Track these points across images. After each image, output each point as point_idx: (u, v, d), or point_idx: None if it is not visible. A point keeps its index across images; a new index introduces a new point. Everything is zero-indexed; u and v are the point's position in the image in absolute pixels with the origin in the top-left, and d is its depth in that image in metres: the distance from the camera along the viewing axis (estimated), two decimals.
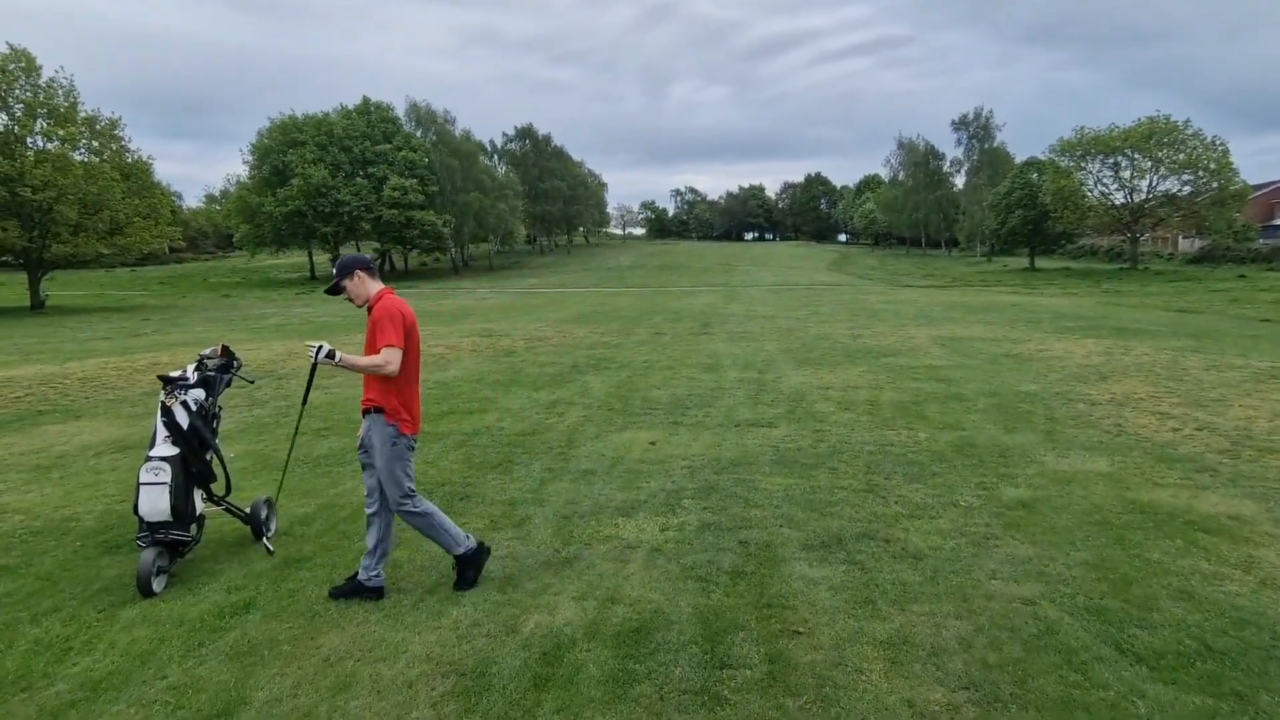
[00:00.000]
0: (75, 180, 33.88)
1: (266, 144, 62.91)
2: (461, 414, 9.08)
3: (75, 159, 35.30)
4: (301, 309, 34.79)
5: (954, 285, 47.16)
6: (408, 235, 64.36)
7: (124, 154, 38.51)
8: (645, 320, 22.61)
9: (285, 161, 60.83)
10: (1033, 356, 13.23)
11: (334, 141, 62.57)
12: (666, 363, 13.45)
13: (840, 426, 7.91)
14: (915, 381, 10.74)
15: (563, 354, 15.01)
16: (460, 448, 7.33)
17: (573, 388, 10.91)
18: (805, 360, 13.35)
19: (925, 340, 16.03)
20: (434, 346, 16.29)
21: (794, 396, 9.75)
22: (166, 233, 41.74)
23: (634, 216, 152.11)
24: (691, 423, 8.28)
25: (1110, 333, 17.07)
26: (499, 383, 11.53)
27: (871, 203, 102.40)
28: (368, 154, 63.51)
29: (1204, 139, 48.56)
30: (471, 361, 14.17)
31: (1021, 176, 59.94)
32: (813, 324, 20.45)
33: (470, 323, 23.05)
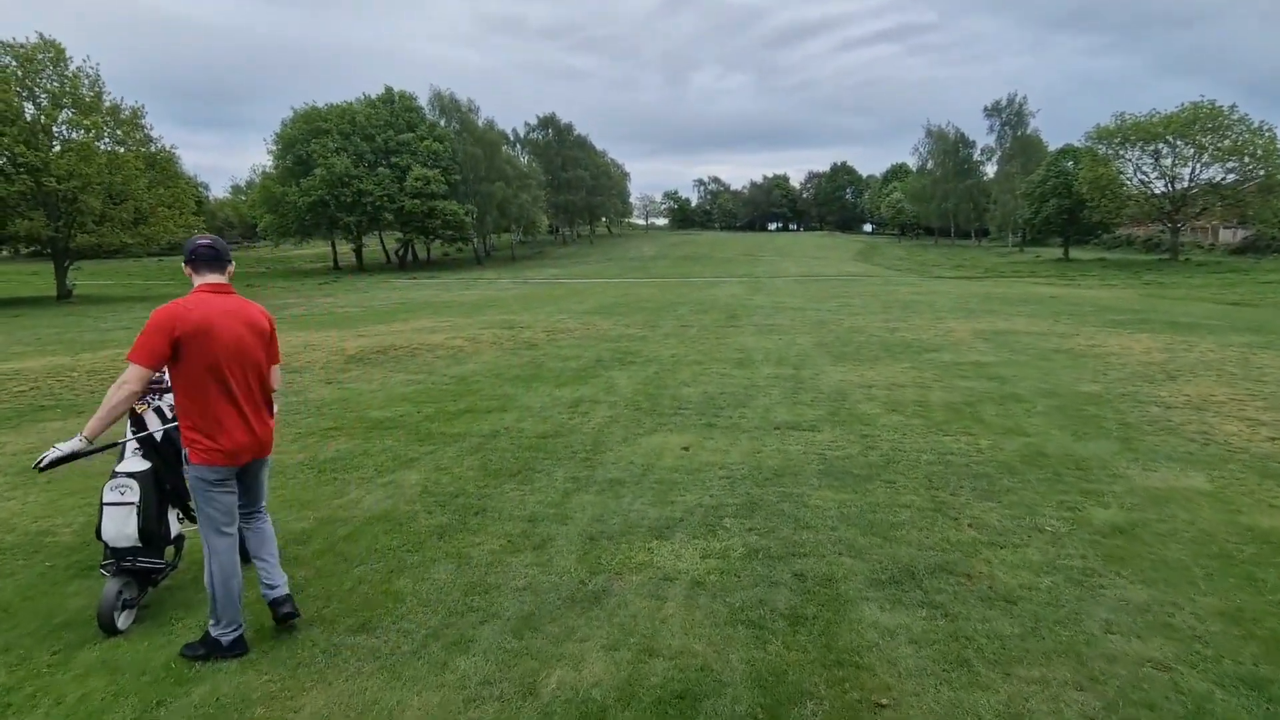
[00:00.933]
0: (99, 170, 33.84)
1: (290, 134, 62.95)
2: (480, 413, 8.51)
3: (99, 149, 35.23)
4: (324, 299, 34.57)
5: (986, 276, 45.89)
6: (430, 225, 64.15)
7: (147, 143, 38.43)
8: (670, 312, 21.94)
9: (309, 151, 60.81)
10: (1086, 352, 12.39)
11: (357, 131, 62.43)
12: (695, 357, 12.79)
13: (890, 431, 7.21)
14: (964, 380, 9.99)
15: (586, 347, 14.41)
16: (477, 452, 6.75)
17: (597, 384, 10.30)
18: (842, 355, 12.63)
19: (967, 334, 15.21)
20: (453, 339, 15.76)
21: (835, 396, 9.05)
22: (191, 222, 41.69)
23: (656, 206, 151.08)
24: (726, 425, 7.63)
25: (1163, 327, 16.11)
26: (519, 378, 10.95)
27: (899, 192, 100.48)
28: (391, 143, 63.31)
29: (1250, 124, 46.69)
30: (491, 355, 13.61)
31: (1056, 165, 58.27)
32: (845, 316, 19.66)
33: (492, 314, 22.53)
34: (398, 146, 63.31)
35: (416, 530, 4.78)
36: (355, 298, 34.86)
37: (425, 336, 16.19)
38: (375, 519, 5.00)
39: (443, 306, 26.60)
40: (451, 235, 67.89)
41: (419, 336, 16.23)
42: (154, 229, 38.71)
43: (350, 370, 11.91)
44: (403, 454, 6.70)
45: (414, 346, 14.53)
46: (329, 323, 20.88)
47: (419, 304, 28.60)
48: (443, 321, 20.14)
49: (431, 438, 7.32)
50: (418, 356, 13.40)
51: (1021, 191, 63.36)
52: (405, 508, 5.21)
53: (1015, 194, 66.87)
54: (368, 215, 62.52)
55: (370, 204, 60.81)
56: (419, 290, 39.49)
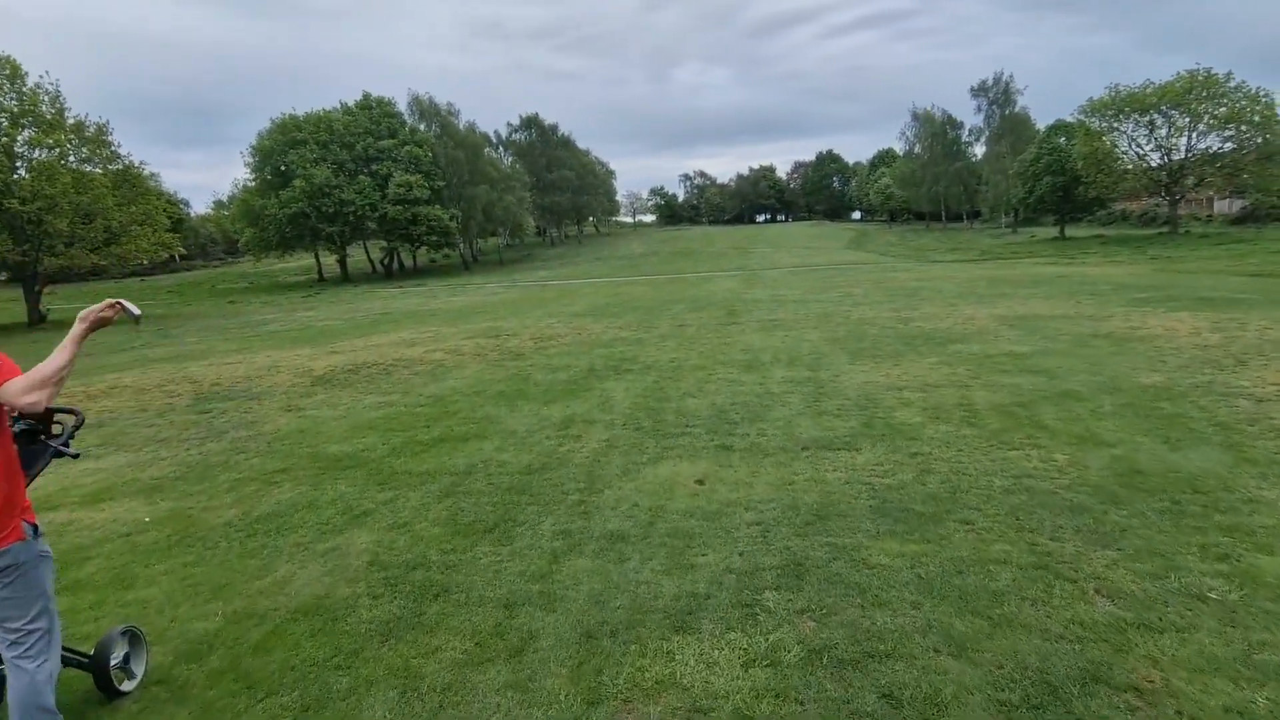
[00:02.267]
0: (64, 189, 32.45)
1: (267, 145, 61.44)
2: (455, 442, 7.30)
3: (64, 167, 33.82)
4: (305, 313, 33.28)
5: (984, 258, 44.82)
6: (415, 232, 62.71)
7: (115, 160, 37.03)
8: (665, 311, 20.75)
9: (287, 162, 59.40)
10: (1128, 336, 11.25)
11: (335, 139, 61.01)
12: (697, 361, 11.61)
13: (942, 446, 6.04)
14: (1005, 375, 8.82)
15: (577, 355, 13.21)
16: (447, 497, 5.54)
17: (591, 399, 9.10)
18: (859, 352, 11.45)
19: (989, 321, 14.06)
20: (433, 352, 14.54)
21: (864, 401, 7.88)
22: (166, 240, 40.33)
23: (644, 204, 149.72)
24: (745, 445, 6.44)
25: (1197, 304, 14.99)
26: (503, 395, 9.74)
27: (887, 178, 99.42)
28: (370, 151, 61.91)
29: (1248, 90, 45.68)
30: (474, 368, 12.40)
31: (1049, 141, 57.25)
32: (851, 307, 18.49)
33: (477, 321, 21.30)
34: (378, 153, 61.93)
35: (355, 629, 3.58)
36: (337, 310, 33.60)
37: (403, 350, 14.96)
38: (303, 611, 3.80)
39: (427, 315, 25.36)
40: (437, 241, 66.37)
41: (397, 351, 15.00)
42: (126, 248, 37.32)
43: (316, 394, 10.68)
44: (356, 504, 5.49)
45: (390, 363, 13.31)
46: (304, 339, 19.62)
47: (403, 314, 27.35)
48: (425, 332, 18.91)
49: (395, 479, 6.11)
50: (393, 374, 12.18)
51: (1014, 171, 62.39)
52: (345, 590, 4.01)
53: (1007, 173, 65.90)
54: (350, 225, 61.17)
55: (352, 213, 59.42)
56: (404, 299, 38.21)
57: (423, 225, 61.60)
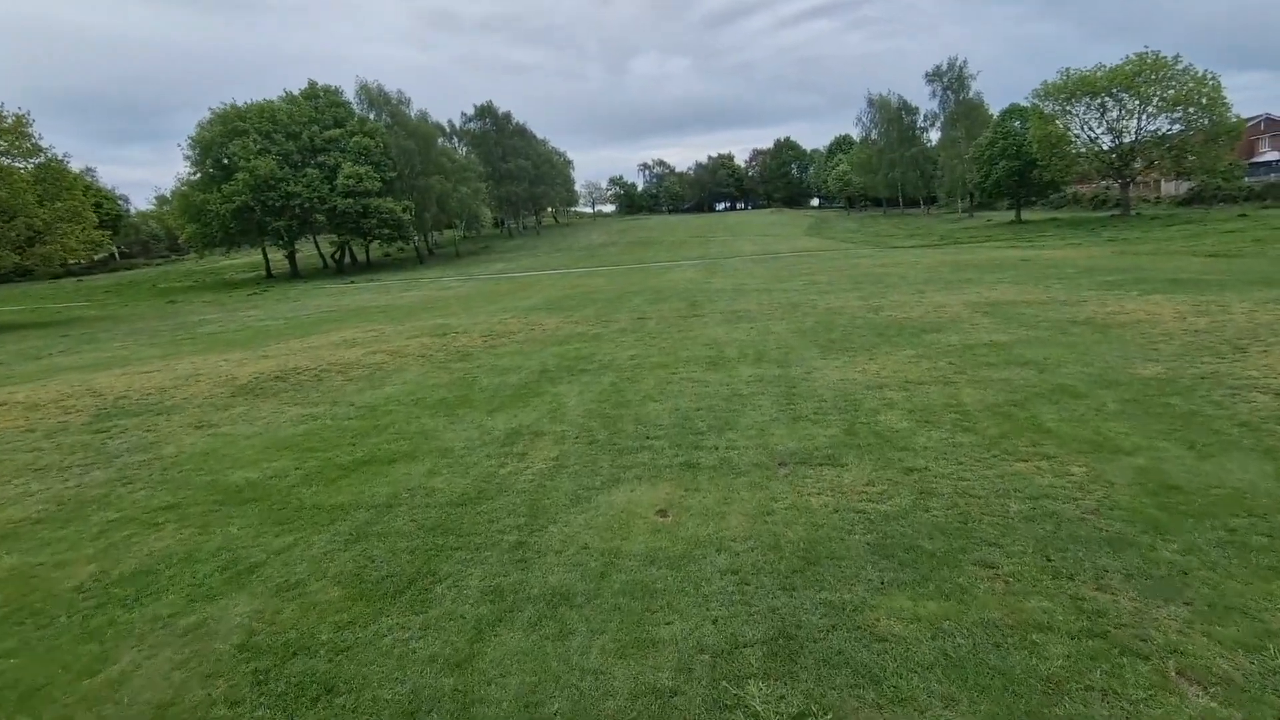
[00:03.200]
0: None
1: (207, 136, 58.66)
2: (379, 464, 6.32)
3: None
4: (248, 312, 31.62)
5: (943, 243, 44.78)
6: (366, 225, 60.57)
7: (36, 154, 34.71)
8: (624, 303, 19.85)
9: (229, 154, 56.84)
10: (1109, 322, 10.68)
11: (279, 129, 58.55)
12: (658, 358, 10.74)
13: (938, 457, 5.26)
14: (991, 368, 8.12)
15: (529, 354, 12.26)
16: (357, 541, 4.59)
17: (540, 405, 8.18)
18: (831, 345, 10.70)
19: (961, 308, 13.45)
20: (374, 353, 13.43)
21: (843, 403, 7.09)
22: (95, 238, 38.05)
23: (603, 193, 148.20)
24: (713, 462, 5.59)
25: (1168, 286, 14.60)
26: (444, 403, 8.76)
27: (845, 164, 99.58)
28: (317, 141, 59.56)
29: (1195, 73, 46.22)
30: (416, 371, 11.36)
31: (1004, 126, 57.53)
32: (816, 296, 17.80)
33: (425, 318, 20.15)
34: (325, 144, 59.62)
35: None
36: (282, 308, 32.03)
37: (341, 353, 13.82)
38: None
39: (375, 313, 24.08)
40: (390, 235, 64.23)
41: (334, 353, 13.85)
42: (51, 248, 35.05)
43: (234, 406, 9.56)
44: (244, 555, 4.51)
45: (324, 367, 12.19)
46: (237, 341, 18.27)
47: (349, 311, 26.00)
48: (368, 331, 17.73)
49: (299, 517, 5.13)
50: (325, 381, 11.08)
51: (970, 155, 62.65)
52: (198, 693, 3.05)
53: (963, 158, 66.23)
54: (298, 218, 58.89)
55: (300, 206, 57.16)
56: (354, 295, 36.67)
57: (374, 218, 59.57)
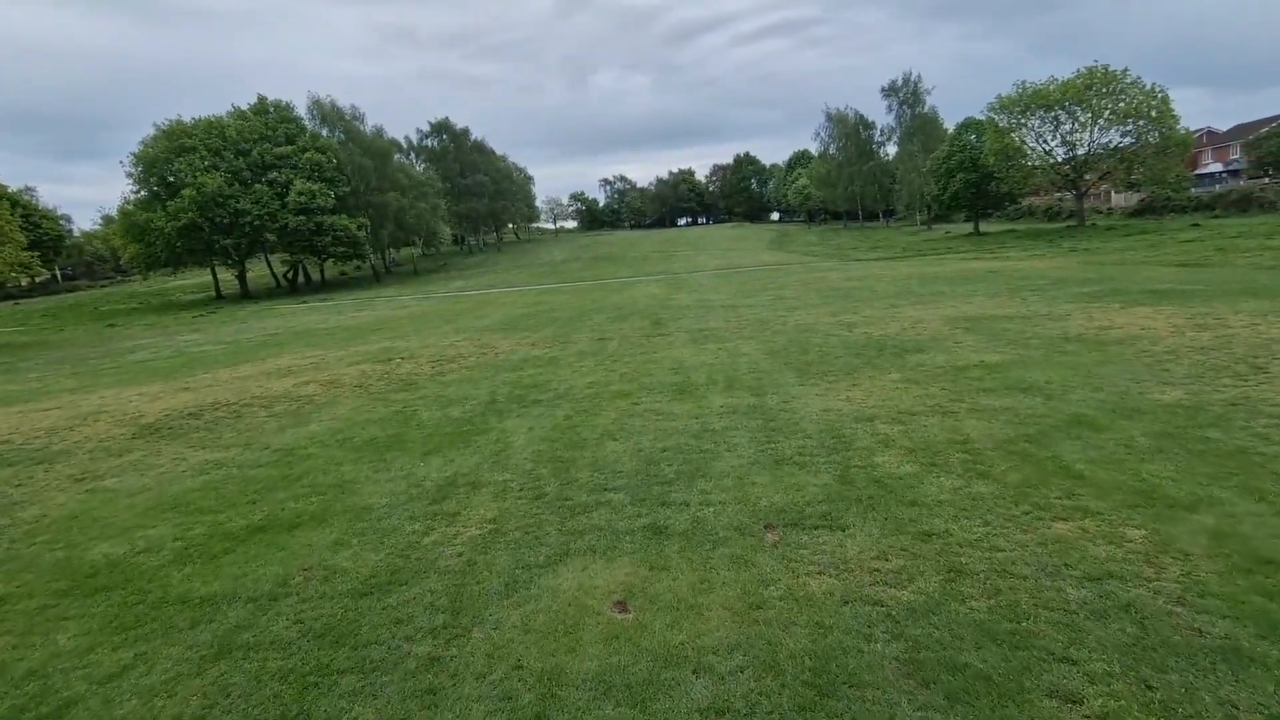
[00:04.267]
0: None
1: (151, 153, 56.29)
2: (278, 531, 5.18)
3: None
4: (189, 336, 29.89)
5: (906, 255, 44.66)
6: (320, 243, 58.56)
7: None
8: (584, 322, 18.82)
9: (175, 171, 54.56)
10: (1103, 338, 9.95)
11: (228, 146, 56.46)
12: (619, 385, 9.72)
13: (958, 515, 4.32)
14: (990, 395, 7.26)
15: (479, 381, 11.14)
16: (215, 661, 3.46)
17: (484, 446, 7.09)
18: (807, 368, 9.79)
19: (940, 324, 12.70)
20: (306, 384, 12.18)
21: (831, 440, 6.14)
22: (23, 259, 35.85)
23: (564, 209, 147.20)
24: (684, 525, 4.58)
25: (1150, 297, 14.05)
26: (373, 445, 7.61)
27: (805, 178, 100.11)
28: (268, 157, 57.53)
29: (1143, 86, 47.04)
30: (350, 404, 10.18)
31: (960, 139, 58.01)
32: (785, 312, 16.98)
33: (373, 341, 18.87)
34: (276, 160, 57.61)
35: None
36: (225, 331, 30.36)
37: (271, 383, 12.54)
38: None
39: (321, 336, 22.68)
40: (345, 253, 62.12)
41: (263, 384, 12.56)
42: None
43: (130, 452, 8.29)
44: (58, 686, 3.35)
45: (247, 401, 10.92)
46: (162, 371, 16.79)
47: (295, 334, 24.54)
48: (308, 357, 16.42)
49: (155, 616, 3.98)
50: (244, 417, 9.83)
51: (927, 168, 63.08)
52: None
53: (920, 171, 66.70)
54: (248, 237, 56.65)
55: (249, 224, 55.01)
56: (305, 316, 35.05)
57: (328, 235, 57.64)
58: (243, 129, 58.22)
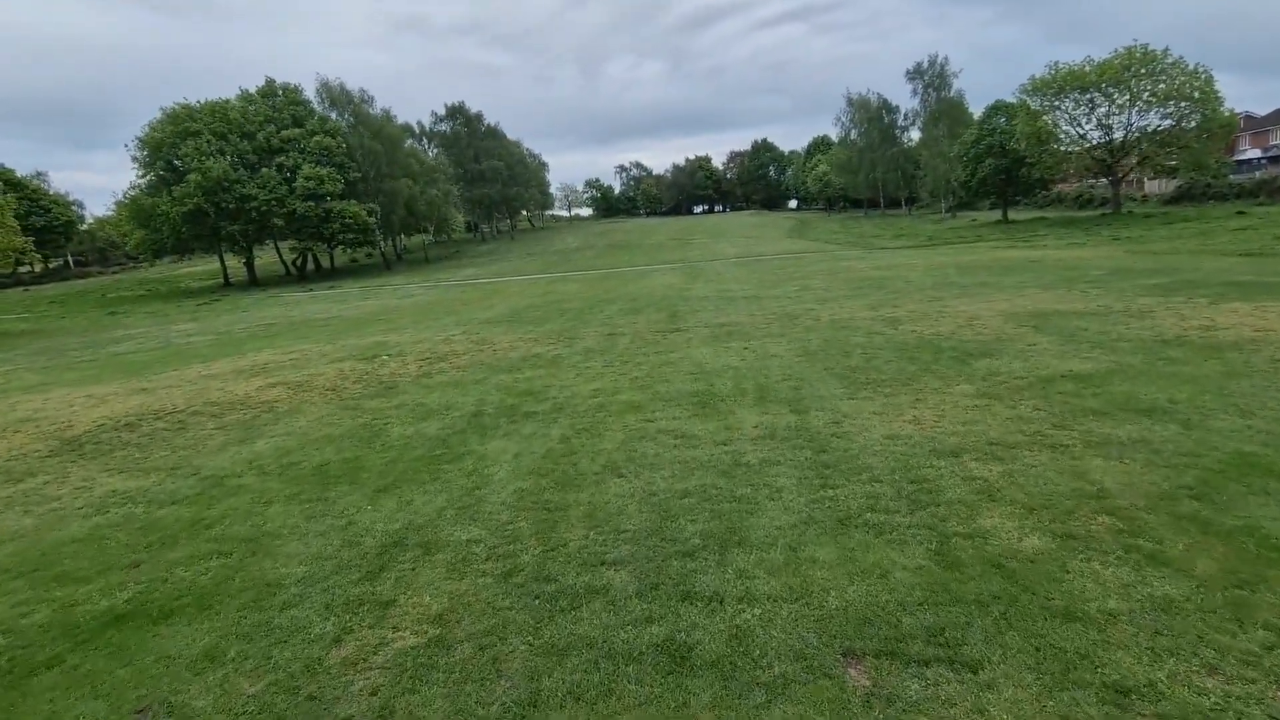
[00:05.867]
0: None
1: (156, 138, 55.05)
2: (142, 623, 3.68)
3: None
4: (183, 325, 28.70)
5: (933, 244, 42.70)
6: (328, 230, 57.13)
7: None
8: (595, 314, 17.25)
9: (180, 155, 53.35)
10: (1212, 341, 8.26)
11: (234, 129, 55.12)
12: (629, 395, 8.16)
13: (1155, 651, 2.74)
14: (1104, 420, 5.62)
15: (467, 386, 9.62)
16: None
17: (453, 483, 5.56)
18: (852, 375, 8.17)
19: (1000, 322, 11.02)
20: (274, 385, 10.71)
21: (910, 488, 4.55)
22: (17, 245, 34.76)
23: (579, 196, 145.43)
24: (718, 648, 3.02)
25: (1236, 291, 12.29)
26: (321, 473, 6.11)
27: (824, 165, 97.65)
28: (274, 141, 56.11)
29: (1185, 67, 44.59)
30: (314, 413, 8.69)
31: (989, 122, 55.62)
32: (815, 305, 15.32)
33: (367, 334, 17.42)
34: (283, 144, 56.17)
35: None
36: (222, 321, 29.14)
37: (235, 385, 11.09)
38: None
39: (317, 328, 21.29)
40: (354, 240, 60.64)
41: (228, 385, 11.12)
42: None
43: (35, 475, 6.83)
44: None
45: (199, 407, 9.46)
46: (134, 367, 15.40)
47: (291, 325, 23.18)
48: (291, 352, 14.98)
49: None
50: (189, 428, 8.37)
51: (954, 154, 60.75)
52: None
53: (946, 157, 64.37)
54: (255, 223, 55.34)
55: (255, 210, 53.72)
56: (307, 305, 33.78)
57: (337, 222, 56.21)
58: (249, 112, 56.91)
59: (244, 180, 54.22)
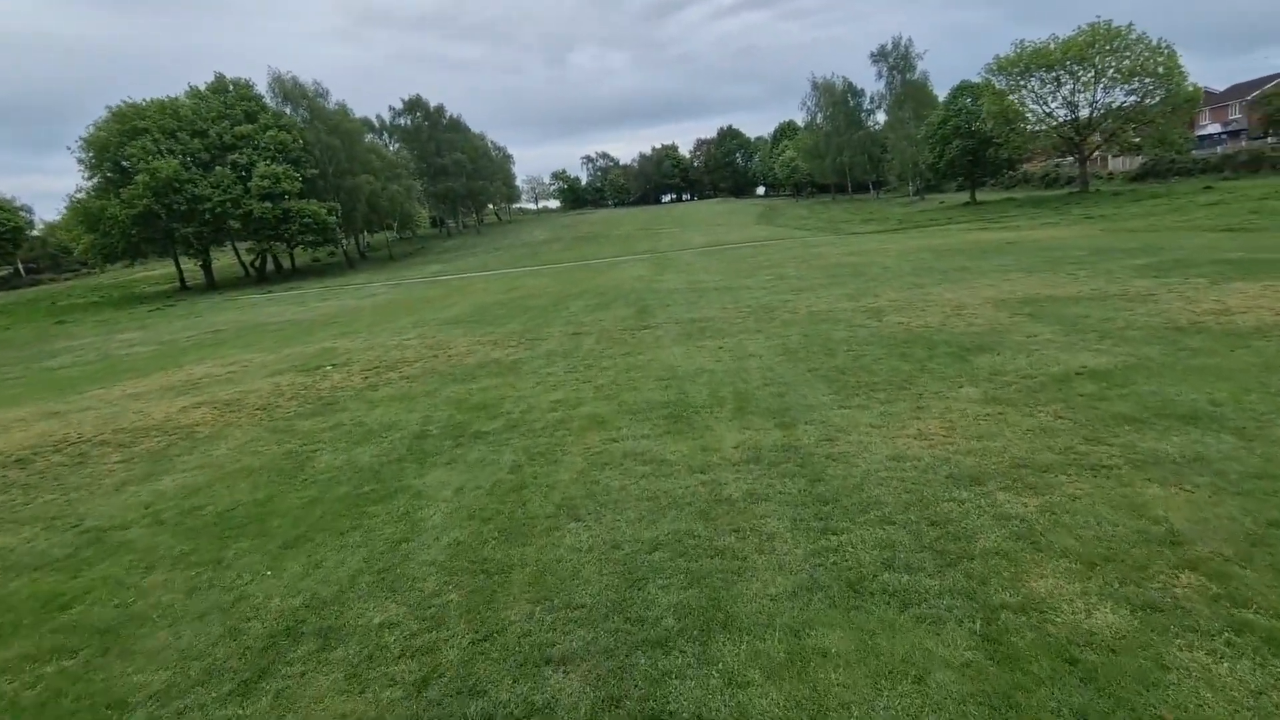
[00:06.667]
0: None
1: (102, 137, 52.54)
2: None
3: None
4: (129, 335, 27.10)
5: (904, 228, 42.17)
6: (287, 231, 54.96)
7: None
8: (561, 311, 16.26)
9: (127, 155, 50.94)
10: (1234, 329, 7.53)
11: (184, 126, 52.74)
12: (592, 407, 7.23)
13: None
14: (1147, 432, 4.81)
15: (415, 400, 8.62)
16: None
17: (376, 533, 4.59)
18: (841, 378, 7.32)
19: (991, 310, 10.25)
20: (198, 406, 9.60)
21: (931, 533, 3.68)
22: None
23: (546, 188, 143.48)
24: None
25: (1235, 270, 11.67)
26: (224, 521, 5.11)
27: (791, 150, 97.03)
28: (227, 137, 53.86)
29: (1149, 42, 44.46)
30: (237, 439, 7.64)
31: (955, 103, 55.26)
32: (791, 295, 14.48)
33: (316, 339, 16.26)
34: (236, 141, 53.87)
35: None
36: (172, 328, 27.64)
37: (156, 407, 9.96)
38: None
39: (268, 333, 20.03)
40: (314, 240, 58.45)
41: (146, 408, 9.98)
42: None
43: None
44: None
45: (108, 435, 8.35)
46: (57, 385, 14.12)
47: (240, 331, 21.86)
48: (231, 364, 13.81)
49: None
50: (87, 463, 7.28)
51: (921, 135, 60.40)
52: None
53: (913, 139, 64.03)
54: (209, 225, 52.99)
55: (209, 211, 51.39)
56: (264, 308, 32.30)
57: (295, 223, 54.06)
58: (199, 108, 54.57)
59: (196, 180, 51.95)
